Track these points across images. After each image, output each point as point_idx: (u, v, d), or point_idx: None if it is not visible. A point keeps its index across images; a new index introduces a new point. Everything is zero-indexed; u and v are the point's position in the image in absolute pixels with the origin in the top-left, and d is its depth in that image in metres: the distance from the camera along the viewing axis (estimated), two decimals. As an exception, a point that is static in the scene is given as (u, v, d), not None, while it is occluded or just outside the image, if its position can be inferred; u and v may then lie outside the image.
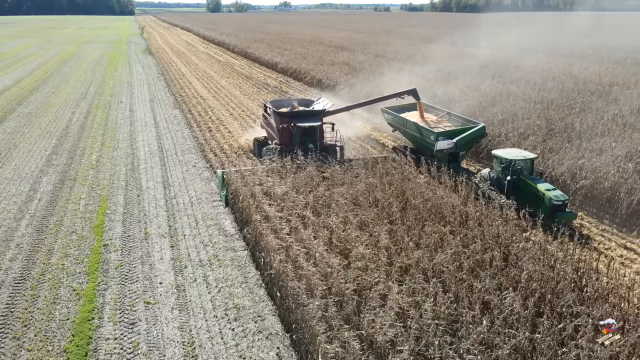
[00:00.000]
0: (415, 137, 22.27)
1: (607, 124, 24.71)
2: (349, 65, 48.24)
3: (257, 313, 12.51)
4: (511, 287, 10.76)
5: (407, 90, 23.16)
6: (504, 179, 17.48)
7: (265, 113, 24.12)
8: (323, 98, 25.10)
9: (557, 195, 16.15)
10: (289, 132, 20.86)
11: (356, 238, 12.97)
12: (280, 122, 21.20)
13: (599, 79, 37.83)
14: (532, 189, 16.80)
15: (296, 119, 21.11)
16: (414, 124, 22.20)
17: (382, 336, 9.24)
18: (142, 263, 14.89)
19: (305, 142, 20.48)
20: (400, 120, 23.35)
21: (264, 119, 24.13)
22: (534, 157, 17.90)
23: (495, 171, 18.31)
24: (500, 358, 8.78)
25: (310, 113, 22.26)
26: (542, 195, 16.32)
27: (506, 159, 17.54)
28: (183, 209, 18.70)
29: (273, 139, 22.30)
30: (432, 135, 20.42)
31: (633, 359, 8.70)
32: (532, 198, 16.45)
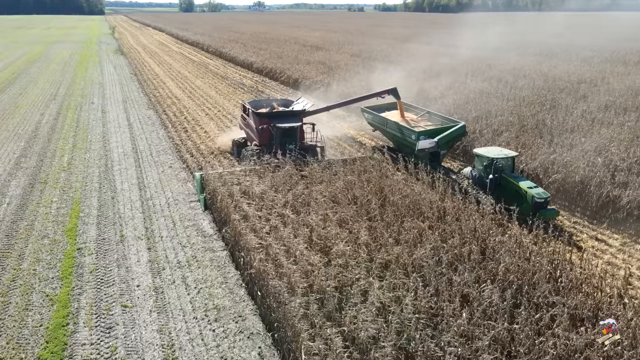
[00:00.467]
0: (396, 137, 22.23)
1: (576, 120, 25.42)
2: (324, 64, 48.27)
3: (237, 313, 12.39)
4: (489, 280, 10.94)
5: (387, 90, 22.95)
6: (485, 178, 17.52)
7: (243, 114, 23.68)
8: (303, 98, 24.86)
9: (539, 193, 16.24)
10: (269, 133, 20.51)
11: (336, 235, 12.99)
12: (259, 122, 20.84)
13: (567, 76, 38.84)
14: (514, 187, 16.88)
15: (276, 120, 20.76)
16: (394, 123, 22.16)
17: (364, 332, 9.26)
18: (118, 266, 14.57)
19: (286, 143, 20.14)
20: (381, 119, 23.26)
21: (243, 120, 23.69)
22: (515, 155, 17.99)
23: (477, 170, 18.30)
24: (480, 349, 8.91)
25: (290, 113, 21.88)
26: (525, 193, 16.39)
27: (488, 158, 17.56)
28: (160, 211, 18.38)
29: (252, 140, 21.95)
30: (413, 135, 20.42)
31: (607, 346, 8.93)
32: (515, 196, 16.50)
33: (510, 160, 17.77)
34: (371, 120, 24.35)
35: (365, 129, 28.36)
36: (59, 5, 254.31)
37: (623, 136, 22.13)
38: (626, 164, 18.81)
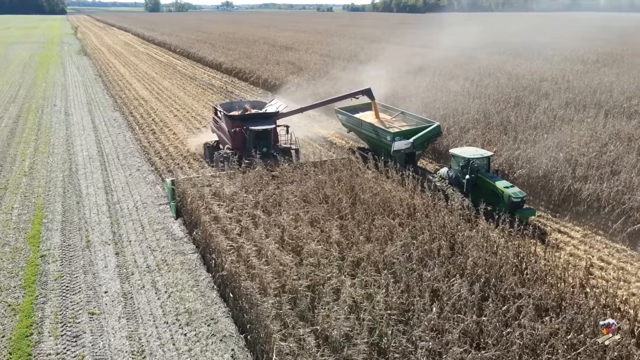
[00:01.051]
0: (371, 138, 22.02)
1: (539, 117, 26.22)
2: (294, 64, 48.18)
3: (209, 316, 12.25)
4: (458, 274, 11.17)
5: (361, 90, 22.72)
6: (462, 178, 17.49)
7: (215, 116, 23.03)
8: (276, 99, 24.34)
9: (515, 192, 16.29)
10: (242, 136, 20.10)
11: (308, 235, 13.00)
12: (232, 125, 20.35)
13: (530, 75, 40.01)
14: (491, 186, 16.87)
15: (249, 122, 20.33)
16: (369, 124, 21.94)
17: (337, 330, 9.31)
18: (85, 272, 14.18)
19: (259, 146, 19.75)
20: (355, 120, 22.99)
21: (214, 123, 23.09)
22: (490, 154, 17.96)
23: (453, 170, 18.20)
24: (450, 342, 9.08)
25: (264, 115, 21.41)
26: (501, 192, 16.40)
27: (464, 158, 17.45)
28: (128, 214, 17.98)
29: (225, 144, 21.43)
30: (388, 136, 20.29)
31: (570, 335, 9.24)
32: (491, 196, 16.47)
33: (485, 160, 17.74)
34: (345, 122, 24.05)
35: (338, 129, 28.46)
36: (18, 4, 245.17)
37: (582, 132, 22.96)
38: (586, 159, 19.49)
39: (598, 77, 38.70)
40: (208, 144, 23.04)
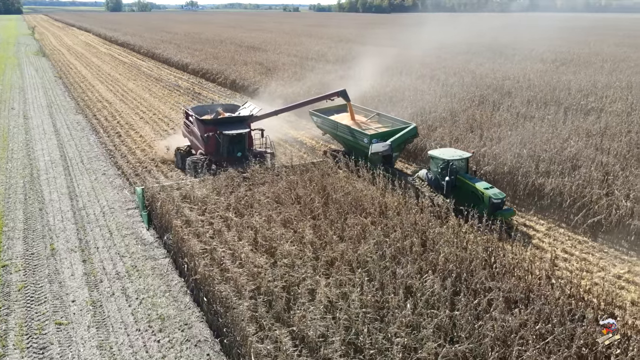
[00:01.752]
0: (347, 140, 21.64)
1: (502, 115, 26.98)
2: (262, 65, 47.89)
3: (183, 321, 12.06)
4: (430, 270, 11.38)
5: (337, 92, 22.38)
6: (441, 180, 17.33)
7: (186, 120, 22.31)
8: (249, 102, 23.70)
9: (495, 194, 16.27)
10: (215, 141, 19.54)
11: (281, 236, 12.98)
12: (204, 130, 19.73)
13: (493, 74, 41.06)
14: (471, 188, 16.78)
15: (222, 127, 19.69)
16: (345, 126, 21.58)
17: (313, 330, 9.33)
18: (50, 282, 13.71)
19: (233, 150, 19.29)
20: (331, 123, 22.54)
21: (186, 127, 22.35)
22: (469, 155, 17.86)
23: (432, 172, 17.95)
24: (425, 337, 9.24)
25: (237, 119, 20.86)
26: (481, 194, 16.34)
27: (443, 160, 17.24)
28: (94, 220, 17.48)
29: (197, 149, 20.77)
30: (365, 138, 19.98)
31: (539, 325, 9.56)
32: (471, 197, 16.32)
33: (464, 161, 17.63)
34: (320, 124, 23.64)
35: (310, 131, 28.42)
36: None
37: (544, 129, 23.79)
38: (548, 155, 20.16)
39: (557, 76, 40.09)
40: (180, 150, 22.17)
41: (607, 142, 21.88)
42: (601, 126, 24.62)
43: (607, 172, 18.29)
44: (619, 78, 39.40)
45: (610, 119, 25.99)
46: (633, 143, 21.62)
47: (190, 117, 21.47)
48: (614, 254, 15.20)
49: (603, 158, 19.56)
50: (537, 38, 74.47)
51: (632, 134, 23.01)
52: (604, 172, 18.27)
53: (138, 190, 17.56)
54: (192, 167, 19.45)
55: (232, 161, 18.51)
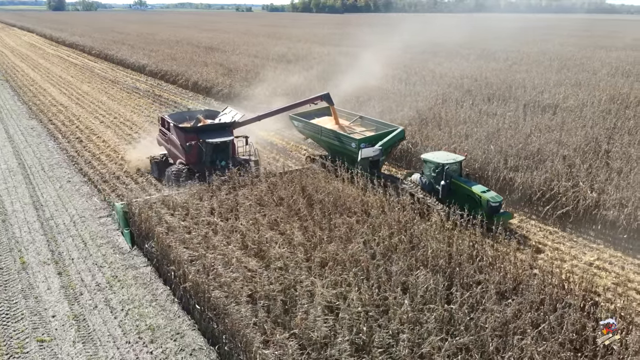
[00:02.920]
0: (332, 145, 20.74)
1: (466, 112, 27.89)
2: (223, 66, 47.20)
3: (174, 330, 11.75)
4: (422, 266, 11.64)
5: (320, 95, 21.68)
6: (435, 184, 17.08)
7: (163, 128, 20.90)
8: (229, 108, 22.42)
9: (493, 197, 16.09)
10: (197, 150, 18.64)
11: (270, 238, 12.89)
12: (185, 139, 18.71)
13: (451, 72, 42.36)
14: (467, 191, 16.52)
15: (204, 134, 18.72)
16: (331, 131, 20.90)
17: (317, 332, 9.34)
18: (25, 297, 13.00)
19: (217, 159, 18.45)
20: (314, 127, 21.72)
21: (162, 135, 20.96)
22: (462, 159, 17.59)
23: (426, 176, 17.59)
24: (426, 332, 9.45)
25: (219, 126, 19.82)
26: (479, 197, 16.13)
27: (438, 164, 16.90)
28: (65, 230, 16.70)
29: (176, 158, 19.53)
30: (353, 143, 19.36)
31: (530, 313, 9.99)
32: (467, 200, 15.86)
33: (457, 164, 17.33)
34: (302, 129, 22.71)
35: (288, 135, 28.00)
36: None
37: (507, 125, 24.76)
38: (514, 150, 21.03)
39: (511, 74, 41.82)
40: (155, 159, 20.88)
41: (565, 137, 23.06)
42: (558, 121, 25.94)
43: (569, 165, 19.31)
44: (568, 76, 41.60)
45: (565, 115, 27.43)
46: (589, 137, 22.89)
47: (167, 125, 20.26)
48: (582, 243, 16.07)
49: (564, 152, 20.61)
50: (488, 38, 77.35)
51: (587, 129, 24.35)
52: (567, 165, 19.28)
53: (117, 206, 15.96)
54: (173, 178, 18.25)
55: (215, 170, 17.54)
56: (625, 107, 29.64)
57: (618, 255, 15.19)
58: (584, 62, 51.10)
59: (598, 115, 27.41)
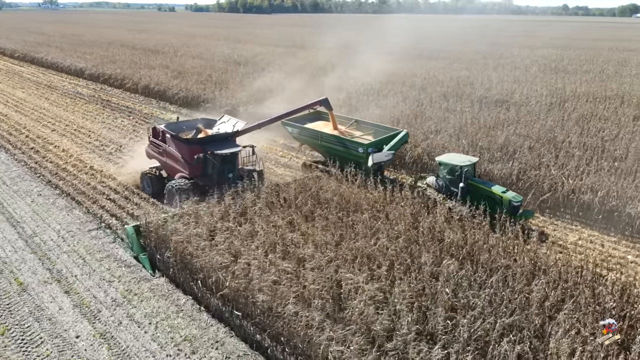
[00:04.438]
0: (334, 150, 20.28)
1: (428, 109, 29.27)
2: (169, 68, 45.69)
3: (212, 339, 11.56)
4: (448, 256, 12.32)
5: (319, 100, 21.20)
6: (452, 186, 17.21)
7: (155, 140, 19.31)
8: (227, 116, 20.81)
9: (514, 196, 16.33)
10: (204, 162, 17.65)
11: (292, 240, 12.98)
12: (189, 151, 17.57)
13: (401, 71, 44.02)
14: (486, 192, 16.66)
15: (209, 145, 17.68)
16: (333, 136, 20.78)
17: (379, 325, 9.69)
18: (37, 319, 12.14)
19: (224, 171, 17.60)
20: (313, 133, 21.40)
21: (155, 147, 19.39)
22: (476, 160, 17.75)
23: (442, 179, 17.64)
24: (473, 316, 10.09)
25: (223, 136, 18.67)
26: (500, 198, 16.32)
27: (457, 166, 16.97)
28: (56, 247, 15.65)
29: (174, 172, 18.38)
30: (360, 148, 19.35)
31: (558, 291, 10.98)
32: (486, 201, 15.70)
33: (472, 166, 17.40)
34: (298, 134, 22.32)
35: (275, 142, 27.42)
36: None
37: (469, 120, 26.36)
38: (484, 143, 22.51)
39: (455, 72, 44.30)
40: (150, 174, 19.34)
41: (524, 130, 25.03)
42: (512, 116, 28.03)
43: (538, 155, 21.06)
44: (505, 73, 44.82)
45: (517, 109, 29.68)
46: (545, 129, 25.02)
47: (163, 136, 18.80)
48: (563, 225, 17.66)
49: (528, 143, 22.40)
50: (421, 38, 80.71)
51: (540, 121, 26.60)
52: (537, 155, 21.01)
53: (129, 229, 14.82)
54: (177, 194, 16.90)
55: (222, 183, 16.87)
56: (564, 100, 32.58)
57: (596, 234, 16.89)
58: (515, 60, 55.17)
59: (545, 109, 29.99)
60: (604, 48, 70.67)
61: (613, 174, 19.12)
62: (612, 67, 49.35)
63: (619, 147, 22.20)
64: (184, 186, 17.09)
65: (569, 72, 46.06)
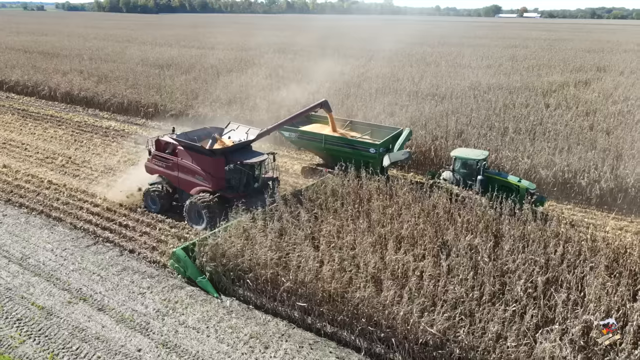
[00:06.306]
0: (341, 152, 20.22)
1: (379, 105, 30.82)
2: (85, 72, 42.37)
3: (278, 332, 11.85)
4: (469, 233, 13.78)
5: (319, 103, 21.01)
6: (468, 179, 17.88)
7: (161, 154, 17.76)
8: (235, 123, 19.48)
9: (530, 184, 17.66)
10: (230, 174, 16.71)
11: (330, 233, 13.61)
12: (213, 162, 16.44)
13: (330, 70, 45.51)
14: (503, 182, 17.63)
15: (234, 155, 16.69)
16: (340, 138, 20.90)
17: (451, 294, 10.91)
18: (84, 340, 11.43)
19: (251, 181, 16.86)
20: (315, 136, 21.37)
21: (161, 162, 17.83)
22: (487, 154, 18.71)
23: (458, 173, 18.23)
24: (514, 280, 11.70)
25: (241, 145, 17.46)
26: (516, 187, 17.44)
27: (473, 160, 17.78)
28: (59, 266, 14.49)
29: (189, 186, 17.11)
30: (372, 148, 19.71)
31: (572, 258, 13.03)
32: (503, 191, 16.54)
33: (486, 158, 18.28)
34: (296, 138, 22.01)
35: None
36: None
37: (416, 113, 28.51)
38: (441, 132, 24.75)
39: (378, 70, 46.73)
40: (155, 191, 17.73)
41: (464, 119, 27.83)
42: (448, 107, 30.81)
43: (489, 140, 23.76)
44: (422, 69, 48.35)
45: (449, 101, 32.63)
46: (481, 117, 28.04)
47: (174, 149, 17.42)
48: (526, 199, 20.33)
49: (480, 131, 25.14)
50: (327, 36, 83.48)
51: (480, 110, 29.60)
52: (487, 140, 23.68)
53: (179, 252, 13.58)
54: (204, 210, 15.96)
55: (248, 194, 16.25)
56: (484, 92, 36.48)
57: (554, 204, 19.77)
58: (426, 57, 59.69)
59: (472, 100, 33.29)
60: (490, 46, 78.95)
61: (552, 153, 22.30)
62: (506, 62, 55.76)
63: (546, 130, 25.84)
64: (210, 202, 16.07)
65: (474, 67, 51.16)
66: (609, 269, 12.23)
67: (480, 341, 10.11)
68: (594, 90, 36.70)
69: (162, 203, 17.66)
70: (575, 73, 46.20)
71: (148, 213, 17.82)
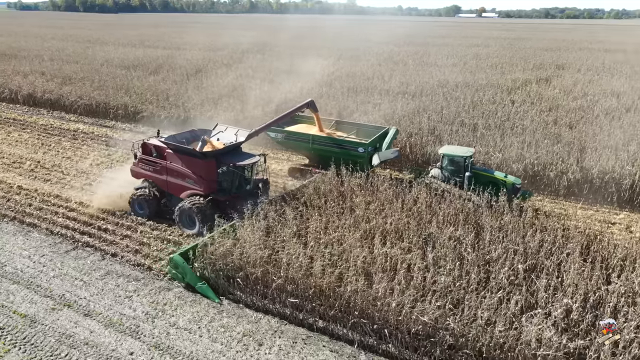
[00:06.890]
0: (330, 152, 20.19)
1: (353, 103, 31.19)
2: (47, 74, 40.94)
3: (270, 329, 11.94)
4: (448, 224, 14.28)
5: (306, 103, 20.94)
6: (456, 176, 18.23)
7: (148, 157, 17.41)
8: (223, 125, 18.95)
9: (516, 179, 18.31)
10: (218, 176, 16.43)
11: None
12: (205, 165, 16.27)
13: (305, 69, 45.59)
14: (490, 178, 18.20)
15: (226, 158, 16.48)
16: (328, 138, 20.97)
17: (440, 284, 11.29)
18: (73, 346, 11.19)
19: (243, 183, 16.74)
20: (302, 136, 21.41)
21: (148, 165, 17.43)
22: (473, 151, 19.29)
23: (446, 170, 18.59)
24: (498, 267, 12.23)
25: (232, 147, 17.14)
26: (503, 182, 17.94)
27: (460, 157, 18.14)
28: (38, 273, 14.07)
29: (179, 190, 16.79)
30: (361, 147, 19.90)
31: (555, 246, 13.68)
32: (488, 185, 17.05)
33: (471, 155, 18.65)
34: (284, 139, 21.96)
35: None
36: None
37: (390, 111, 29.11)
38: (416, 129, 25.32)
39: (347, 69, 47.16)
40: (143, 195, 17.28)
41: (436, 116, 28.55)
42: (419, 104, 31.49)
43: (461, 136, 24.49)
44: (390, 67, 49.18)
45: (419, 99, 33.34)
46: (452, 114, 28.83)
47: (163, 152, 17.04)
48: (499, 192, 21.09)
49: (452, 127, 25.87)
50: (292, 36, 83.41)
51: (450, 108, 30.31)
52: (460, 136, 24.41)
53: (177, 258, 13.35)
54: (197, 215, 15.79)
55: (240, 197, 16.16)
56: (452, 90, 37.48)
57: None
58: (393, 56, 60.48)
59: (442, 98, 34.10)
60: (454, 45, 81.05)
61: (521, 147, 23.21)
62: (470, 60, 57.34)
63: (513, 125, 26.84)
64: (203, 205, 15.82)
65: (440, 66, 52.36)
66: (582, 254, 12.95)
67: (470, 328, 10.53)
68: (555, 87, 38.30)
69: (150, 208, 17.23)
70: (536, 71, 47.99)
71: (127, 216, 17.51)
